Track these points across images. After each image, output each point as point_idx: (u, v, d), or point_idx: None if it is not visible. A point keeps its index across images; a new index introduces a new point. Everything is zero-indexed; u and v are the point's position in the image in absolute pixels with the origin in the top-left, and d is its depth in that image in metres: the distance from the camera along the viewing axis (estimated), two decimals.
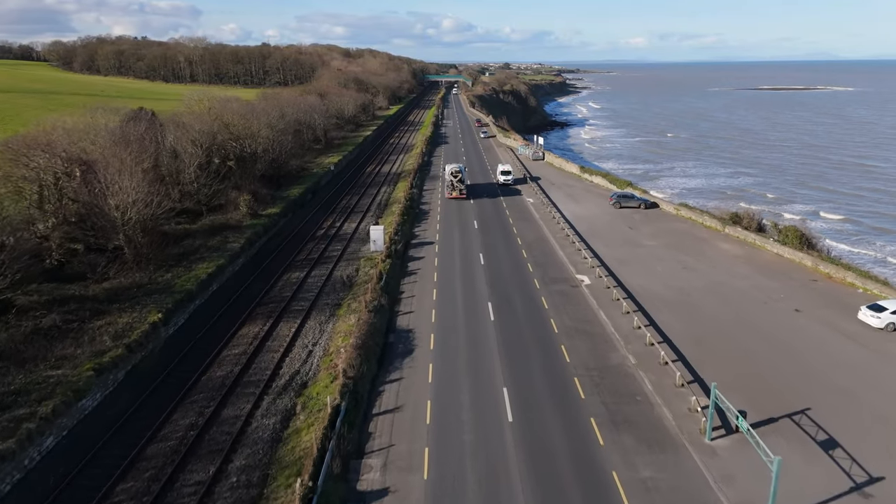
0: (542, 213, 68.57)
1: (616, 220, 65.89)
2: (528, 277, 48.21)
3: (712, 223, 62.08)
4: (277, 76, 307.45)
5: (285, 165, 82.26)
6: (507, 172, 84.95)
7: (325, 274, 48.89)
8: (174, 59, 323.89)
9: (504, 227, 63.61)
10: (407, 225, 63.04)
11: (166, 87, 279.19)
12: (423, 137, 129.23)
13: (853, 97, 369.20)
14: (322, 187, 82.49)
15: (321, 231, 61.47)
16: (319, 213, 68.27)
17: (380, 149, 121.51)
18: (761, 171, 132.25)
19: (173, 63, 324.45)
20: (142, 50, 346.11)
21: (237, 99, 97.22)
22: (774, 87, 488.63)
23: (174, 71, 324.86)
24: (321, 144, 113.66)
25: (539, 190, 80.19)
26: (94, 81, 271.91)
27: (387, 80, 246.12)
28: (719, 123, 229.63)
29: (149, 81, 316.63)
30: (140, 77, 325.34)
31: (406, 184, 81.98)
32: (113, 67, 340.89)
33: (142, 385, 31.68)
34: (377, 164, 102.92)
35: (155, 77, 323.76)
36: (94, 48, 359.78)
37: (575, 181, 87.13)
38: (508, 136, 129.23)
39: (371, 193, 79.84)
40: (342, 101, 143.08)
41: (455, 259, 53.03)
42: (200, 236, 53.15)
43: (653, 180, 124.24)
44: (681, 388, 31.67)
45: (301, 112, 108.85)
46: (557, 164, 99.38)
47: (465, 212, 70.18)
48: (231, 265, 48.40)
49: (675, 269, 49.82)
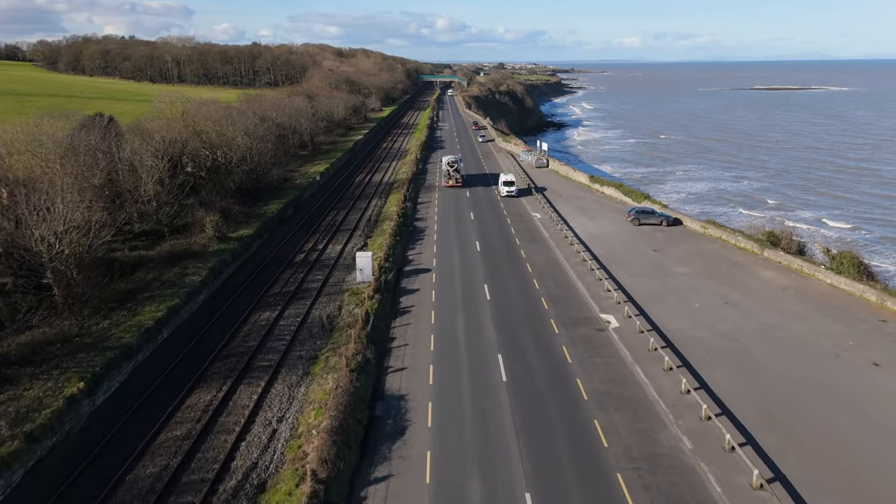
0: (553, 232, 60.81)
1: (637, 239, 58.20)
2: (543, 317, 40.44)
3: (747, 244, 54.48)
4: (268, 76, 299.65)
5: (265, 176, 74.23)
6: (510, 183, 77.17)
7: (301, 313, 40.98)
8: (161, 59, 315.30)
9: (510, 249, 55.82)
10: (399, 247, 55.20)
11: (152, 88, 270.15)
12: (417, 142, 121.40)
13: (849, 97, 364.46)
14: (306, 201, 74.45)
15: (301, 255, 53.49)
16: (300, 233, 60.28)
17: (371, 155, 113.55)
18: (763, 174, 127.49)
19: (160, 63, 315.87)
20: (128, 50, 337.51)
21: (214, 102, 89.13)
22: (770, 87, 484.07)
23: (161, 71, 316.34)
24: (308, 150, 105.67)
25: (546, 203, 72.45)
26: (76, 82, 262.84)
27: (380, 80, 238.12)
28: (718, 125, 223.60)
29: (135, 82, 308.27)
30: (126, 77, 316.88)
31: (399, 196, 74.15)
32: (98, 67, 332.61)
33: (42, 491, 23.71)
34: (368, 173, 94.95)
35: (142, 77, 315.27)
36: (79, 48, 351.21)
37: (585, 192, 79.39)
38: (508, 141, 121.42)
39: (360, 207, 71.88)
40: (332, 103, 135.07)
41: (455, 292, 45.22)
42: (156, 266, 45.11)
43: (655, 184, 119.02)
44: (759, 490, 23.96)
45: (285, 116, 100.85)
46: (564, 172, 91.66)
47: (466, 229, 62.37)
48: (188, 305, 40.40)
49: (717, 306, 42.16)
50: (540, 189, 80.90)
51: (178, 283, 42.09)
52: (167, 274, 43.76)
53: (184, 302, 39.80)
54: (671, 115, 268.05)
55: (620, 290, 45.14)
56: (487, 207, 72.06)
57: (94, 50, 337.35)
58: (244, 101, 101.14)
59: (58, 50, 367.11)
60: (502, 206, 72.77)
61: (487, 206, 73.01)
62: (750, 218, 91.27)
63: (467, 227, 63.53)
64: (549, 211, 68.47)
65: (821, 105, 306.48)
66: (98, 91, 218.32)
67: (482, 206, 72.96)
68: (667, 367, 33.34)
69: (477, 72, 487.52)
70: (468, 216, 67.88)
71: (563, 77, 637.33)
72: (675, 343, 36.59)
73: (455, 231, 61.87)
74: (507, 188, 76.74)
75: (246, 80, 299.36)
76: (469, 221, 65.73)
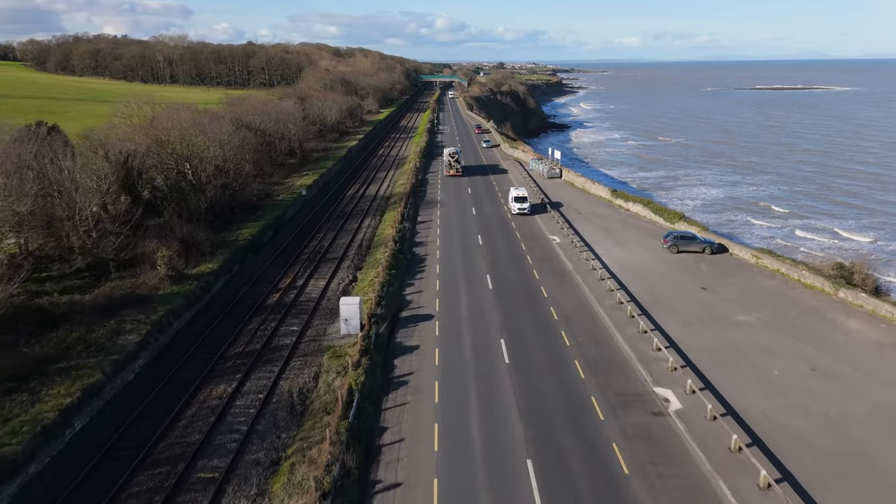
0: (576, 261, 51.32)
1: (679, 272, 48.73)
2: (582, 394, 30.98)
3: (814, 281, 45.01)
4: (262, 77, 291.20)
5: (242, 192, 64.68)
6: (523, 199, 67.62)
7: (265, 386, 31.52)
8: (152, 58, 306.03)
9: (529, 285, 46.29)
10: (395, 283, 45.72)
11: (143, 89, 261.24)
12: (416, 148, 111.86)
13: (853, 97, 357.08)
14: (288, 221, 64.85)
15: (275, 296, 43.94)
16: (277, 265, 50.69)
17: (366, 163, 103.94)
18: (774, 179, 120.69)
19: (152, 63, 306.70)
20: (119, 49, 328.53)
21: (190, 106, 79.67)
22: (773, 87, 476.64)
23: (153, 71, 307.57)
24: (297, 158, 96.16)
25: (564, 223, 62.98)
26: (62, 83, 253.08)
27: (378, 80, 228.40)
28: (723, 127, 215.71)
29: (126, 82, 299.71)
30: (117, 78, 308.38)
31: (396, 214, 64.68)
32: (88, 68, 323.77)
33: None
34: (361, 185, 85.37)
35: (133, 78, 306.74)
36: (69, 47, 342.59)
37: (606, 209, 69.86)
38: (516, 147, 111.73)
39: (350, 229, 62.34)
40: (325, 105, 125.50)
41: (465, 351, 35.76)
42: (87, 318, 35.62)
43: (668, 190, 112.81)
44: None
45: (271, 121, 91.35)
46: (580, 184, 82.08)
47: (474, 258, 52.86)
48: (116, 378, 30.87)
49: (803, 374, 32.73)
50: (555, 205, 71.40)
51: (108, 347, 32.57)
52: (98, 330, 34.25)
53: (110, 375, 30.27)
54: (675, 115, 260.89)
55: (672, 347, 35.75)
56: (497, 228, 62.56)
57: (83, 49, 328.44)
58: (226, 105, 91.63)
59: (47, 49, 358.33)
60: (514, 226, 63.26)
61: (497, 226, 63.51)
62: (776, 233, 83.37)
63: (475, 254, 54.00)
64: (570, 233, 58.99)
65: (825, 105, 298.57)
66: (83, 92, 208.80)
67: (491, 226, 63.45)
68: (763, 485, 23.91)
69: (477, 71, 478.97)
70: (476, 240, 58.37)
71: (563, 77, 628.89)
72: (764, 438, 27.14)
73: (461, 260, 52.35)
74: (520, 205, 67.24)
75: (240, 81, 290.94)
76: (477, 247, 56.23)
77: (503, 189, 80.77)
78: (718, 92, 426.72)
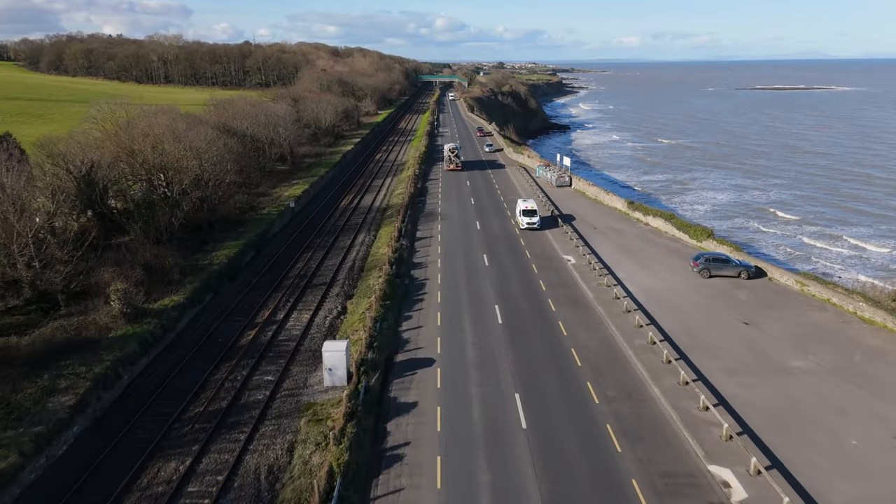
0: (596, 288, 45.27)
1: (715, 302, 42.65)
2: (619, 475, 24.89)
3: (874, 315, 38.89)
4: (258, 77, 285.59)
5: (223, 205, 58.65)
6: (532, 213, 61.52)
7: (225, 464, 25.44)
8: (147, 58, 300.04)
9: (544, 318, 40.22)
10: (390, 318, 39.67)
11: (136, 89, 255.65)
12: (415, 153, 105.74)
13: (858, 97, 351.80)
14: (273, 238, 58.75)
15: (249, 335, 37.81)
16: (256, 293, 44.58)
17: (362, 169, 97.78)
18: (782, 182, 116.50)
19: (146, 63, 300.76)
20: (113, 49, 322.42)
21: (170, 110, 73.71)
22: (775, 87, 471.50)
23: (147, 71, 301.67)
24: (288, 165, 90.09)
25: (578, 239, 56.91)
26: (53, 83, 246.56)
27: (376, 81, 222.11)
28: (728, 128, 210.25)
29: (119, 83, 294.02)
30: (111, 78, 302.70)
31: (392, 229, 58.70)
32: (82, 67, 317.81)
33: None
34: (356, 194, 79.26)
35: (127, 78, 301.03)
36: (61, 47, 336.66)
37: (624, 223, 63.78)
38: (520, 152, 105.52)
39: (342, 247, 56.26)
40: (319, 107, 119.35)
41: (472, 410, 29.65)
42: (17, 371, 29.53)
43: (676, 195, 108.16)
44: None
45: (259, 125, 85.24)
46: (592, 194, 75.94)
47: (480, 284, 46.76)
48: (35, 460, 24.75)
49: (886, 446, 26.67)
50: (567, 218, 65.34)
51: (34, 413, 26.51)
52: (27, 389, 28.19)
53: (30, 455, 24.20)
54: (677, 116, 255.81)
55: (722, 405, 29.70)
56: (505, 246, 56.46)
57: (76, 49, 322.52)
58: (211, 108, 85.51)
59: (40, 49, 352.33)
60: (523, 243, 57.15)
61: (504, 243, 57.41)
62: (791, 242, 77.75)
63: (481, 279, 47.89)
64: (585, 252, 52.89)
65: (829, 106, 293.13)
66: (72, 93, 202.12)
67: (498, 243, 57.35)
68: None
69: (477, 71, 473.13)
70: (481, 260, 52.26)
71: (563, 77, 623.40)
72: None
73: (466, 286, 46.22)
74: (528, 219, 61.15)
75: (236, 81, 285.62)
76: (483, 269, 50.12)
77: (509, 199, 74.72)
78: (720, 92, 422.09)
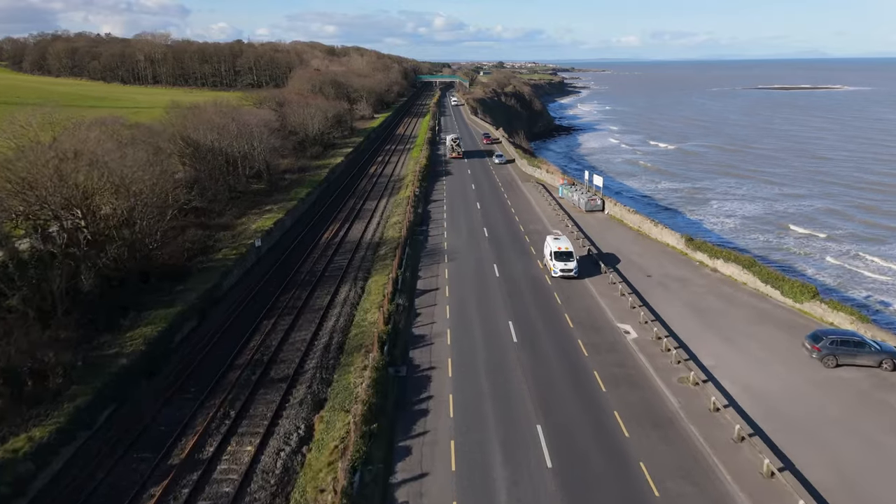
0: (677, 387, 31.11)
1: (858, 415, 28.51)
2: None
3: None
4: (250, 77, 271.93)
5: (163, 250, 44.37)
6: (567, 256, 47.09)
7: None
8: (133, 57, 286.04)
9: (618, 457, 25.97)
10: (378, 456, 25.55)
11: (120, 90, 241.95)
12: (415, 165, 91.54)
13: (868, 97, 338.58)
14: (225, 295, 44.18)
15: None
16: (181, 401, 30.27)
17: (352, 188, 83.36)
18: (813, 191, 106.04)
19: (131, 62, 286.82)
20: (98, 48, 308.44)
21: (112, 122, 59.63)
22: (783, 87, 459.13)
23: (133, 71, 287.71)
24: (264, 183, 75.84)
25: (631, 294, 42.75)
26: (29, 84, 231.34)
27: (373, 82, 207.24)
28: (744, 131, 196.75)
29: (104, 83, 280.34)
30: (95, 78, 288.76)
31: (385, 279, 44.67)
32: (66, 67, 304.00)
33: None
34: (343, 223, 64.81)
35: (112, 78, 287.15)
36: (45, 46, 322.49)
37: (684, 267, 49.55)
38: (537, 165, 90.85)
39: (317, 309, 41.92)
40: (306, 113, 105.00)
41: None
42: None
43: (699, 205, 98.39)
44: None
45: (230, 137, 71.00)
46: (633, 222, 61.61)
47: (510, 376, 32.52)
48: None
49: None
50: (608, 259, 51.19)
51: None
52: None
53: None
54: (687, 118, 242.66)
55: None
56: (535, 306, 42.19)
57: (60, 48, 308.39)
58: (171, 116, 71.13)
59: (23, 48, 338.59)
60: (559, 301, 42.95)
61: (534, 301, 43.15)
62: (846, 274, 64.65)
63: (510, 371, 33.48)
64: (646, 317, 38.78)
65: (843, 107, 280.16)
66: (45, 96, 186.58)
67: (525, 301, 43.08)
68: None
69: (477, 71, 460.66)
70: (507, 334, 37.92)
71: (564, 76, 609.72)
72: None
73: (489, 386, 31.87)
74: (563, 264, 46.81)
75: (227, 82, 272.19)
76: (509, 349, 35.84)
77: (531, 229, 60.62)
78: (727, 92, 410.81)
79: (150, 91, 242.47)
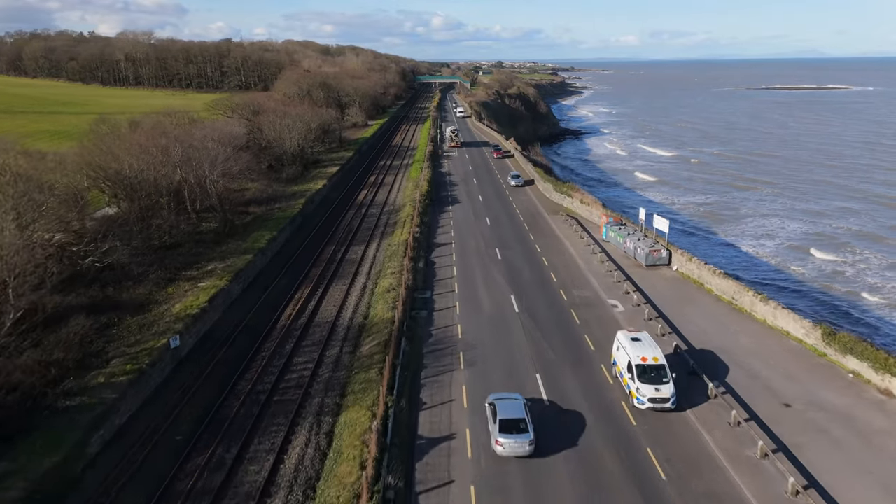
0: None
1: None
2: None
3: None
4: (237, 78, 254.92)
5: None
6: (659, 373, 29.41)
7: None
8: (113, 57, 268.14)
9: None
10: None
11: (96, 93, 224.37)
12: (414, 191, 73.86)
13: (879, 98, 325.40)
14: (98, 458, 26.57)
15: None
16: None
17: (333, 226, 64.59)
18: (859, 206, 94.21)
19: (111, 63, 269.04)
20: (77, 47, 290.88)
21: None
22: (789, 87, 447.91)
23: (114, 72, 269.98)
24: (218, 223, 58.02)
25: (774, 452, 25.27)
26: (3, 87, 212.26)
27: (368, 84, 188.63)
28: (761, 135, 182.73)
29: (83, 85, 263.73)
30: (73, 80, 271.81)
31: (365, 417, 27.10)
32: (42, 68, 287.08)
33: None
34: (313, 291, 46.23)
35: (91, 80, 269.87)
36: (21, 45, 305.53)
37: (829, 384, 31.76)
38: (567, 193, 71.25)
39: (262, 459, 24.33)
40: (283, 124, 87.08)
41: None
42: None
43: (731, 223, 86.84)
44: None
45: (168, 166, 53.28)
46: (721, 289, 43.41)
47: None
48: None
49: None
50: (706, 362, 33.48)
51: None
52: None
53: None
54: (697, 120, 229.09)
55: None
56: (622, 489, 24.67)
57: (36, 47, 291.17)
58: (89, 139, 53.25)
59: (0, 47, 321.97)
60: (660, 469, 25.35)
61: (611, 458, 25.60)
62: None
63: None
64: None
65: (857, 108, 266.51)
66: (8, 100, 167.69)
67: (598, 452, 25.59)
68: None
69: (476, 70, 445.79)
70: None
71: (564, 76, 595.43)
72: None
73: None
74: (655, 389, 29.10)
75: (213, 83, 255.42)
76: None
77: (576, 298, 43.02)
78: (732, 92, 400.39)
79: (130, 94, 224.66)
